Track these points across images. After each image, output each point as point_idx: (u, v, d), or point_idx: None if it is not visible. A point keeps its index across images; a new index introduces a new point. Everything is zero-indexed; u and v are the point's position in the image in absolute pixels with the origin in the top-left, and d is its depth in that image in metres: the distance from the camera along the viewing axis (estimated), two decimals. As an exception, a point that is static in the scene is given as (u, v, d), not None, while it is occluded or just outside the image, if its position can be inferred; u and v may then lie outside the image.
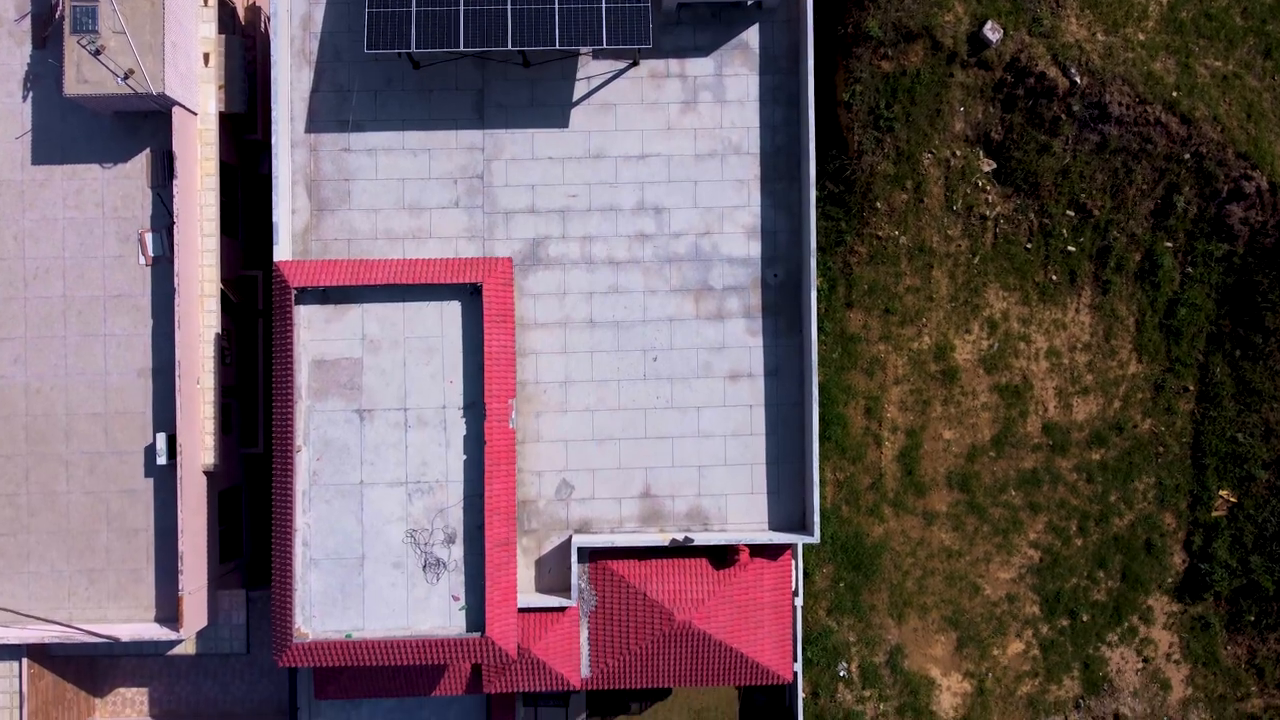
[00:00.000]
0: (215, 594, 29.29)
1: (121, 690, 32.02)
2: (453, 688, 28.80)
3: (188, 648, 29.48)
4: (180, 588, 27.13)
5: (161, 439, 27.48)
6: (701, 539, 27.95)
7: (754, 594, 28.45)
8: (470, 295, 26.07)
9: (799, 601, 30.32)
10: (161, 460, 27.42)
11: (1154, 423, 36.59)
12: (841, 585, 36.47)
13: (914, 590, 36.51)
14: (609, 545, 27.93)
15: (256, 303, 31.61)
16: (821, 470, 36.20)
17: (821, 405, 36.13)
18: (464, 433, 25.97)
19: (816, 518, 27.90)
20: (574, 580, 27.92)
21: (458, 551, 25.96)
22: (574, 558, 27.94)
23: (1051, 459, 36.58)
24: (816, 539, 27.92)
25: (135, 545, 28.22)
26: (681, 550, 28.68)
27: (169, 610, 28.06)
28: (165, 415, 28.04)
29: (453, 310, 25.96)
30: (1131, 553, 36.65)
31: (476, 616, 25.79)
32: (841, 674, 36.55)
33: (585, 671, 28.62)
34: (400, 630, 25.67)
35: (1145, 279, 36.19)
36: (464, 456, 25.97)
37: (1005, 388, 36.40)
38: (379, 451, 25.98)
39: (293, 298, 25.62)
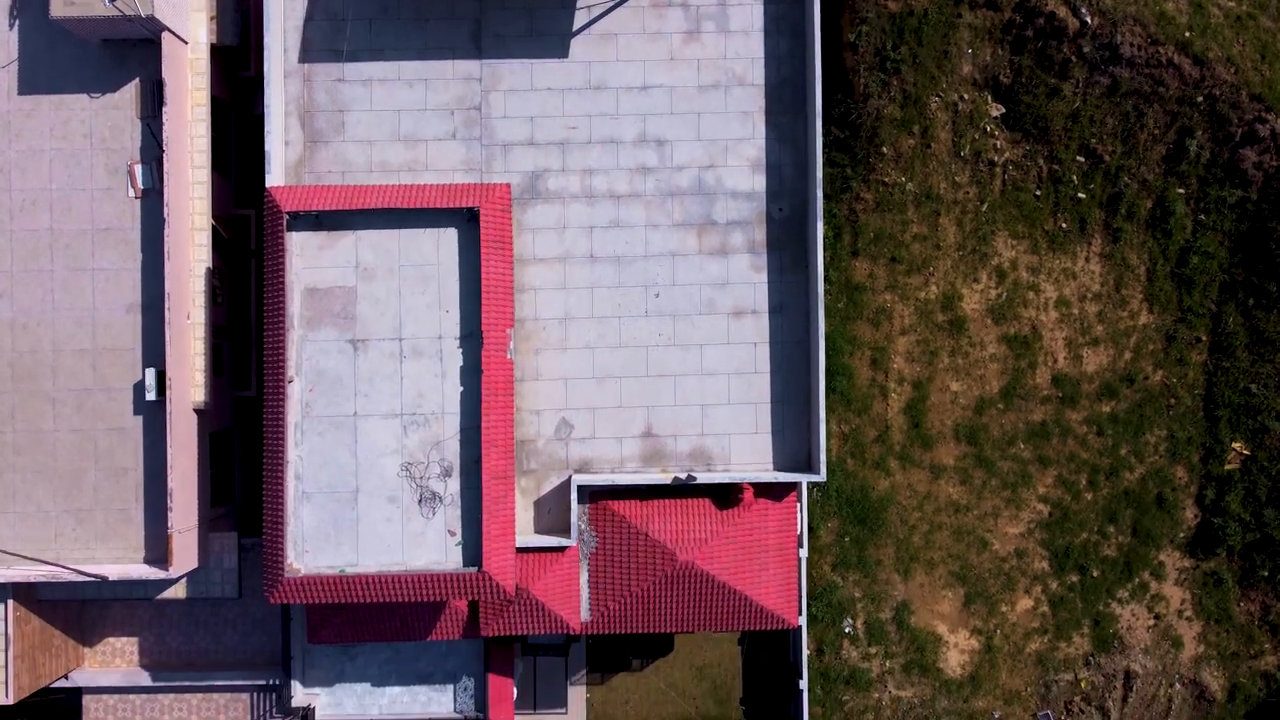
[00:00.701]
0: (206, 536, 28.59)
1: (111, 640, 31.31)
2: (449, 631, 28.10)
3: (178, 591, 28.78)
4: (169, 525, 26.42)
5: (151, 374, 26.79)
6: (704, 478, 27.24)
7: (758, 535, 27.75)
8: (467, 222, 25.37)
9: (804, 553, 29.61)
10: (151, 396, 26.72)
11: (1165, 374, 35.86)
12: (847, 540, 35.75)
13: (921, 545, 35.79)
14: (609, 484, 27.22)
15: (249, 243, 30.92)
16: (826, 421, 35.46)
17: (826, 356, 35.35)
18: (461, 363, 25.28)
19: (823, 456, 27.19)
20: (573, 520, 27.22)
21: (454, 485, 25.25)
22: (573, 497, 27.23)
23: (1061, 411, 35.86)
24: (823, 477, 27.21)
25: (124, 485, 27.52)
26: (684, 490, 27.96)
27: (158, 552, 27.35)
28: (155, 352, 27.33)
29: (449, 237, 25.25)
30: (1143, 507, 35.90)
31: (473, 551, 25.09)
32: (847, 630, 35.82)
33: (585, 615, 27.92)
34: (395, 566, 24.96)
35: (1157, 226, 35.45)
36: (461, 388, 25.27)
37: (1014, 338, 35.67)
38: (373, 383, 25.28)
39: (284, 223, 24.92)
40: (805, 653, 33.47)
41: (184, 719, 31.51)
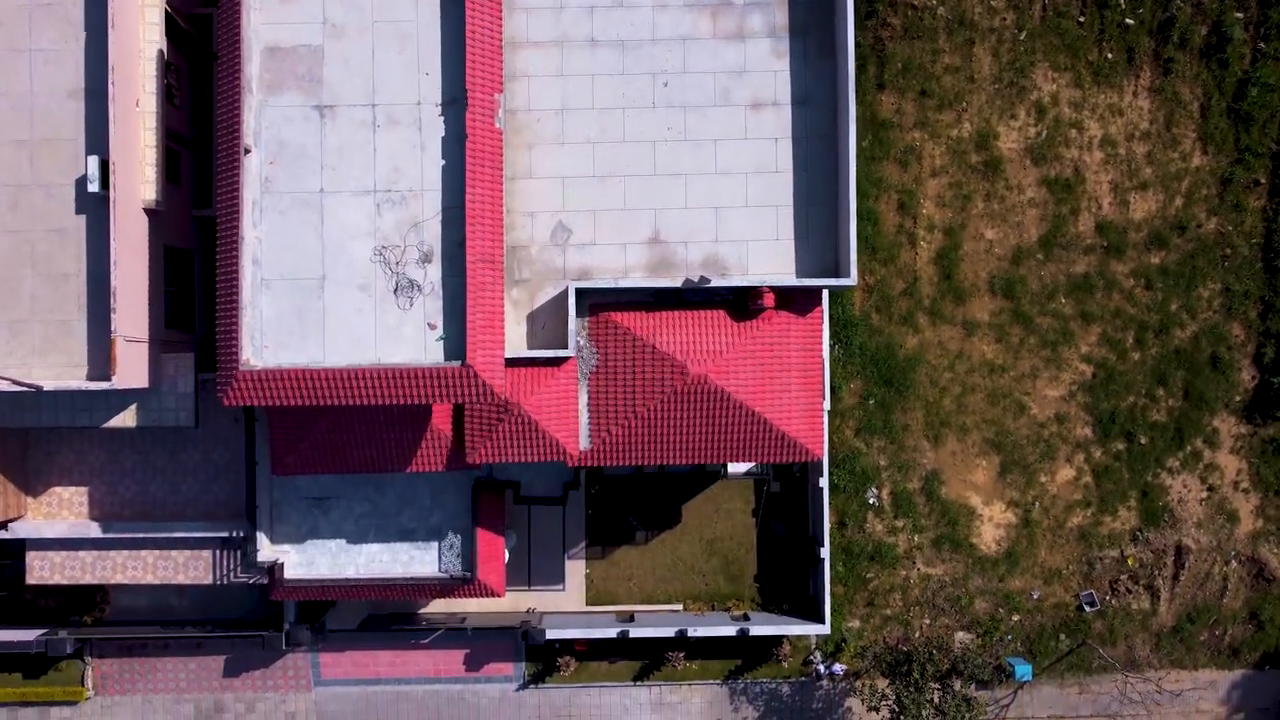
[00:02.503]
0: (159, 357, 25.48)
1: (58, 490, 28.23)
2: (432, 462, 24.98)
3: (127, 419, 25.66)
4: (112, 329, 23.29)
5: (94, 163, 23.63)
6: (720, 284, 24.12)
7: (779, 352, 24.63)
8: (450, -28, 22.26)
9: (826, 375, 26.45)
10: (94, 187, 23.58)
11: (1220, 221, 32.72)
12: (871, 403, 32.61)
13: (952, 409, 32.64)
14: (612, 286, 24.10)
15: (212, 45, 27.76)
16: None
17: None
18: (442, 133, 22.19)
19: (853, 259, 24.07)
20: (571, 330, 24.09)
21: (435, 272, 22.15)
22: (571, 306, 24.11)
23: (1106, 262, 32.71)
24: (853, 281, 24.09)
25: (64, 293, 24.39)
26: (696, 302, 24.86)
27: (102, 369, 24.16)
28: (99, 142, 24.18)
29: (430, -11, 22.14)
30: (1195, 368, 32.75)
31: (456, 345, 21.99)
32: (871, 501, 32.69)
33: (584, 443, 24.80)
34: (367, 362, 21.83)
35: (1212, 56, 32.30)
36: (442, 161, 22.18)
37: (1055, 181, 32.52)
38: (343, 155, 22.18)
39: (241, -31, 21.82)
40: (827, 509, 30.37)
41: (139, 578, 28.40)
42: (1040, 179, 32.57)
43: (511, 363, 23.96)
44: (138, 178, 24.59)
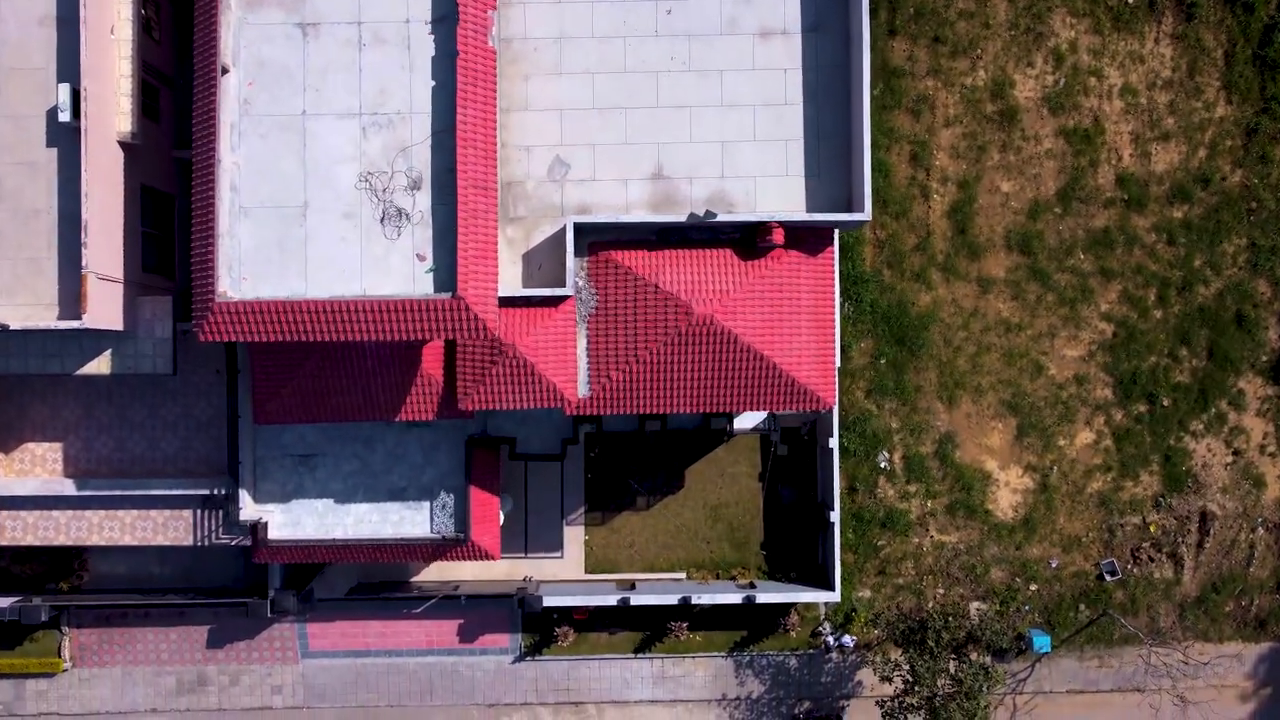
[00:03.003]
0: (135, 299, 24.16)
1: (30, 446, 26.92)
2: (422, 409, 23.65)
3: (101, 366, 24.33)
4: (83, 264, 21.99)
5: (64, 91, 22.36)
6: (727, 219, 22.83)
7: (789, 293, 23.32)
8: (441, -119, 20.99)
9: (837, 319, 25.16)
10: (65, 117, 22.31)
11: (1246, 174, 31.41)
12: (882, 362, 31.29)
13: (967, 369, 31.32)
14: (612, 221, 22.80)
15: (193, -20, 26.48)
16: (859, 229, 31.09)
17: (859, 151, 31.01)
18: (432, 52, 20.88)
19: (867, 193, 22.77)
20: (569, 267, 22.77)
21: (424, 200, 20.83)
22: (569, 242, 22.80)
23: (1127, 216, 31.42)
24: (867, 216, 22.78)
25: (34, 229, 23.11)
26: (701, 241, 23.56)
27: (73, 309, 22.87)
28: (70, 71, 22.90)
29: (419, -101, 20.86)
30: (1219, 326, 31.43)
31: (447, 277, 20.68)
32: (882, 465, 31.35)
33: (583, 389, 23.48)
34: (352, 294, 20.51)
35: (1237, 1, 31.05)
36: (432, 82, 20.87)
37: (1073, 132, 31.24)
38: (326, 76, 20.88)
39: (218, -123, 20.54)
40: (837, 470, 29.04)
41: (116, 539, 27.04)
42: (1058, 129, 31.28)
43: (506, 302, 22.67)
44: (112, 108, 23.31)
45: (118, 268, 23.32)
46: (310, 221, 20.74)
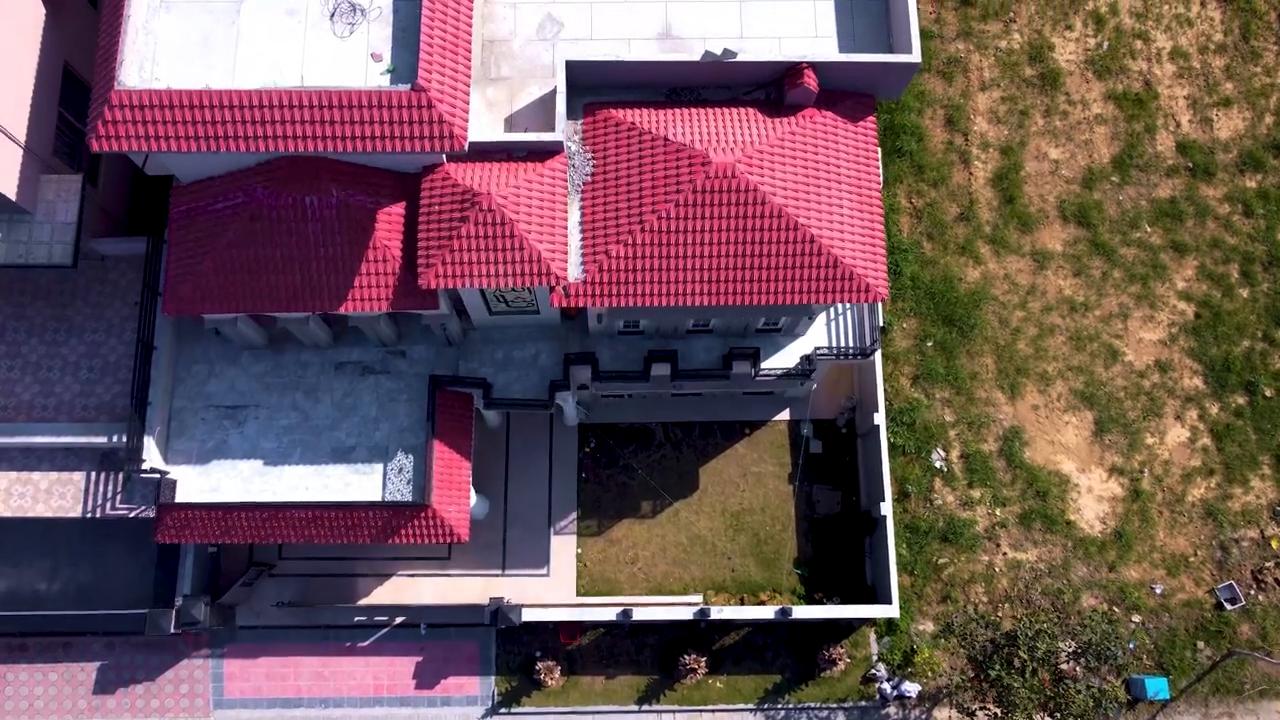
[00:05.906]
0: (37, 176, 20.01)
1: (-105, 391, 21.85)
2: (374, 297, 18.87)
3: (-16, 252, 19.82)
4: (-32, 95, 18.09)
5: (-20, -74, 19.31)
6: (748, 58, 19.13)
7: (828, 157, 19.21)
8: None
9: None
10: (-25, -48, 19.13)
11: (1322, 140, 28.12)
12: (930, 345, 26.62)
13: (1029, 354, 26.61)
14: (614, 61, 19.05)
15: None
16: (893, 194, 27.33)
17: (889, 112, 27.77)
18: None
19: (915, 39, 19.20)
20: (560, 113, 18.78)
21: (384, -6, 17.22)
22: (561, 82, 18.90)
23: (1194, 186, 27.77)
24: (917, 58, 19.06)
25: (-77, 83, 19.35)
26: (719, 101, 19.72)
27: (-45, 172, 18.76)
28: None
29: None
30: (1318, 305, 27.07)
31: (407, 75, 16.67)
32: (938, 465, 25.94)
33: (575, 271, 18.86)
34: (287, 84, 16.46)
35: (1285, -38, 29.02)
36: None
37: (1124, 96, 28.19)
38: None
39: None
40: (885, 450, 23.66)
41: (-17, 509, 21.41)
42: (1106, 93, 28.24)
43: (480, 153, 18.55)
44: (35, -46, 20.20)
45: (20, 126, 19.37)
46: (245, 18, 17.01)
